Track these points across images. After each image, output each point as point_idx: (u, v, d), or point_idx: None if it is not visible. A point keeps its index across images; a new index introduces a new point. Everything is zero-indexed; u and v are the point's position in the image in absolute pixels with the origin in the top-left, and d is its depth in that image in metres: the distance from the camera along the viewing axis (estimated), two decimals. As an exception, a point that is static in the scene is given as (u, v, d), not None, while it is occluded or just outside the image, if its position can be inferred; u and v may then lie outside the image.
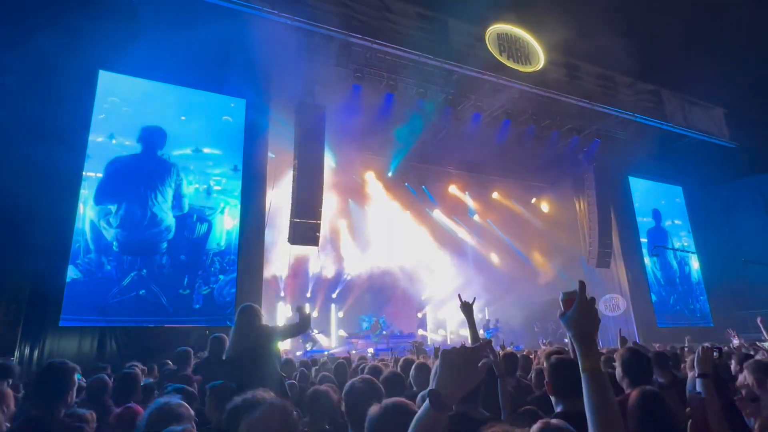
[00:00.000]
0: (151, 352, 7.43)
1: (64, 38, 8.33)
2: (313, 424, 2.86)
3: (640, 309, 15.62)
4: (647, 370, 2.98)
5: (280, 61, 11.21)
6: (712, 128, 17.51)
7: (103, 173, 9.48)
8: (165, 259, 9.62)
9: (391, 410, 1.81)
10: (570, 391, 2.25)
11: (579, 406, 2.19)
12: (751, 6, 15.37)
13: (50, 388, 2.38)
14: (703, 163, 17.50)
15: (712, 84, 16.25)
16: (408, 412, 1.83)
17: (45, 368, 2.41)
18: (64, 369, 2.46)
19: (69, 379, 2.45)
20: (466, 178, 18.33)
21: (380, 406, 1.86)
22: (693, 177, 18.42)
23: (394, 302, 18.60)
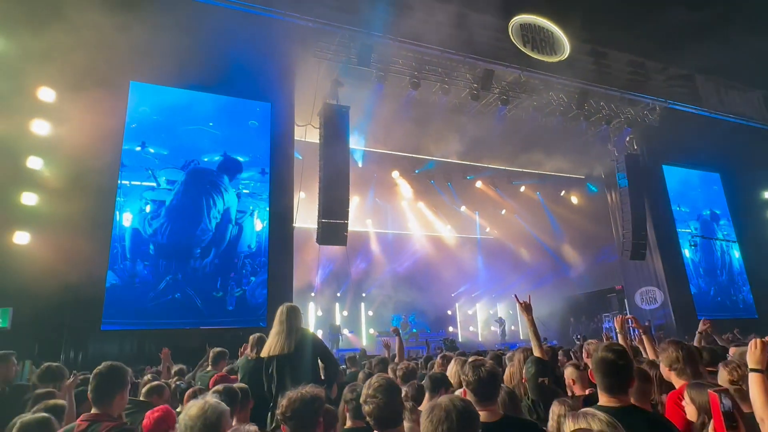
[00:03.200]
0: (187, 353, 7.61)
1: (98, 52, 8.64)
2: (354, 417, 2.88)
3: (679, 301, 15.10)
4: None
5: (303, 63, 11.31)
6: (750, 111, 16.79)
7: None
8: (198, 263, 9.84)
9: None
10: (615, 386, 2.20)
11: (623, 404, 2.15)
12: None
13: (108, 387, 2.46)
14: (742, 148, 16.77)
15: (748, 66, 15.58)
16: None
17: (103, 367, 2.50)
18: (120, 369, 2.56)
19: (124, 378, 2.55)
20: (492, 172, 18.12)
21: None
22: (731, 163, 17.67)
23: (423, 300, 18.53)
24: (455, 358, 4.39)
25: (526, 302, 3.66)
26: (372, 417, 2.24)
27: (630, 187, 14.99)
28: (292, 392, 2.18)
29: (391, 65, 11.95)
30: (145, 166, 9.90)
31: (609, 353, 2.26)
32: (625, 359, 2.26)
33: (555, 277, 19.27)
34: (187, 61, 9.71)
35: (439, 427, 1.73)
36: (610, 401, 2.19)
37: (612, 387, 2.21)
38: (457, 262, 19.28)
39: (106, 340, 8.78)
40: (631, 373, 2.27)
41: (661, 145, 16.03)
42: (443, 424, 1.73)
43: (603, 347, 2.34)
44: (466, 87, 12.90)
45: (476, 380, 2.33)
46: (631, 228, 14.86)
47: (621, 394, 2.21)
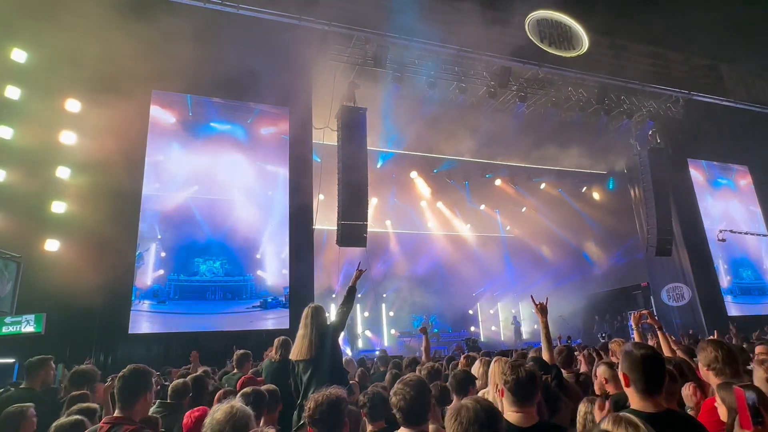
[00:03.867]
0: (211, 356, 7.75)
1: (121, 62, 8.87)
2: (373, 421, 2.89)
3: (708, 298, 14.70)
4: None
5: (320, 66, 11.40)
6: (779, 100, 16.25)
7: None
8: (218, 264, 10.00)
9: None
10: (654, 388, 2.14)
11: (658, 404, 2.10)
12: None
13: (132, 389, 2.53)
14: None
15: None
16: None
17: (127, 371, 2.56)
18: (142, 371, 2.61)
19: (147, 381, 2.60)
20: (512, 170, 17.95)
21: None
22: (760, 154, 17.13)
23: (444, 300, 18.46)
24: (480, 358, 4.38)
25: (542, 303, 3.63)
26: (399, 410, 2.26)
27: (654, 182, 14.65)
28: (317, 394, 2.21)
29: (406, 66, 11.95)
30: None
31: (647, 351, 2.20)
32: (662, 358, 2.22)
33: (578, 275, 18.97)
34: (206, 68, 9.90)
35: (470, 428, 1.74)
36: (646, 405, 2.12)
37: (648, 388, 2.13)
38: (478, 261, 19.14)
39: (134, 343, 9.00)
40: (665, 373, 2.23)
41: (686, 138, 15.65)
42: (473, 425, 1.73)
43: (637, 345, 2.27)
44: (483, 85, 12.82)
45: (514, 380, 2.31)
46: (655, 223, 14.52)
47: (657, 395, 2.15)
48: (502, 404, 2.39)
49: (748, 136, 16.05)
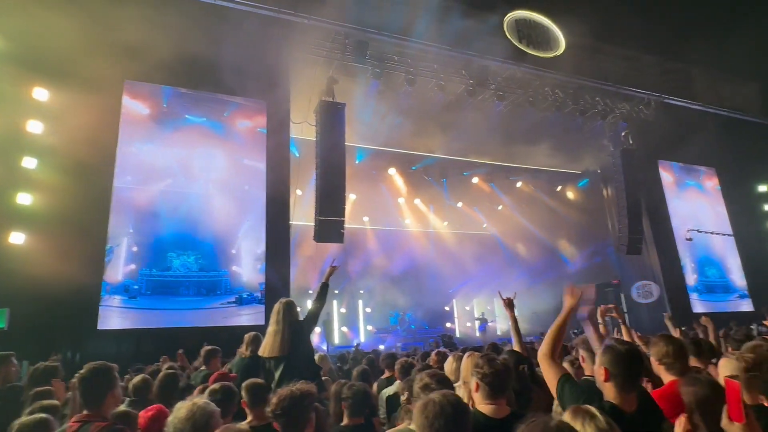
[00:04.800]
0: (188, 352, 7.62)
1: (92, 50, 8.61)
2: (353, 416, 2.90)
3: (675, 295, 15.19)
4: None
5: (299, 60, 11.29)
6: (746, 104, 16.85)
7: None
8: (193, 259, 9.84)
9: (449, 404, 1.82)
10: (632, 384, 2.17)
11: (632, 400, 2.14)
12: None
13: (94, 389, 2.48)
14: (737, 141, 16.84)
15: (743, 59, 15.61)
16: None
17: (86, 371, 2.50)
18: (101, 369, 2.56)
19: (109, 378, 2.55)
20: (489, 168, 18.15)
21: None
22: (727, 157, 17.74)
23: (420, 296, 18.58)
24: (453, 354, 4.42)
25: (509, 299, 3.69)
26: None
27: (626, 182, 15.03)
28: (282, 389, 2.21)
29: (386, 62, 11.93)
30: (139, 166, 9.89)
31: (631, 347, 2.23)
32: (642, 355, 2.26)
33: (552, 272, 19.31)
34: (182, 59, 9.69)
35: (435, 422, 1.75)
36: (623, 401, 2.14)
37: (627, 384, 2.16)
38: (455, 258, 19.30)
39: (104, 339, 8.77)
40: (643, 370, 2.28)
41: (656, 139, 16.05)
42: (439, 419, 1.75)
43: (620, 341, 2.30)
44: (461, 83, 12.89)
45: (492, 373, 2.35)
46: (627, 223, 14.91)
47: (633, 391, 2.18)
48: (473, 398, 2.43)
49: (715, 140, 16.58)
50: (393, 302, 18.10)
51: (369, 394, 2.93)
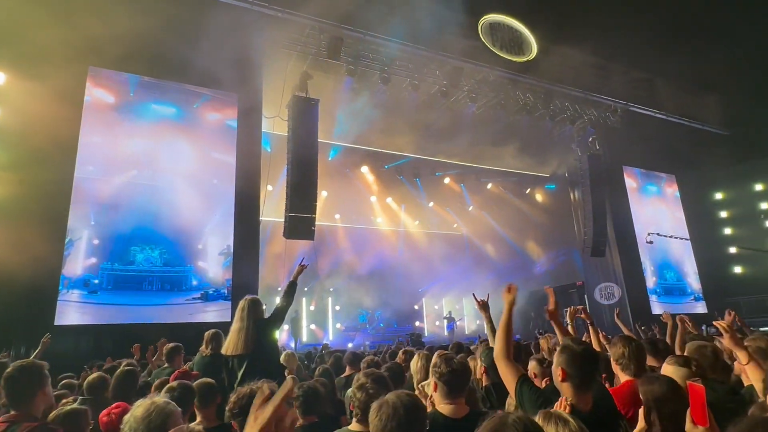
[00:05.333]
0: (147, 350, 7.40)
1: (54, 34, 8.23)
2: (306, 415, 2.89)
3: (635, 296, 15.73)
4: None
5: (272, 53, 11.12)
6: (706, 115, 17.58)
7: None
8: (157, 253, 9.58)
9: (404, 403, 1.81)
10: (588, 383, 2.20)
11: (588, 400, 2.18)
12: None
13: (22, 388, 2.39)
14: (697, 150, 17.57)
15: (703, 71, 16.27)
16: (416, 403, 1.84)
17: (12, 369, 2.40)
18: (29, 368, 2.46)
19: (37, 377, 2.44)
20: (460, 169, 18.34)
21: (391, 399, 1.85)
22: (686, 165, 18.49)
23: (390, 295, 18.63)
24: (419, 352, 4.44)
25: (483, 300, 3.75)
26: (365, 405, 2.26)
27: (592, 186, 15.47)
28: (242, 388, 2.17)
29: (361, 59, 11.90)
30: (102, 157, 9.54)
31: (586, 347, 2.25)
32: (597, 354, 2.30)
33: (520, 273, 19.67)
34: (150, 48, 9.41)
35: (389, 424, 1.75)
36: (579, 400, 2.15)
37: (583, 383, 2.18)
38: (425, 257, 19.44)
39: (61, 335, 8.40)
40: (599, 369, 2.32)
41: (622, 146, 16.58)
42: (392, 420, 1.75)
43: (576, 340, 2.33)
44: (435, 84, 12.99)
45: (449, 372, 2.34)
46: (592, 226, 15.35)
47: (589, 391, 2.20)
48: (433, 399, 2.44)
49: (676, 148, 17.24)
50: (362, 300, 18.10)
51: (319, 393, 2.91)
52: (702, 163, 18.32)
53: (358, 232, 18.84)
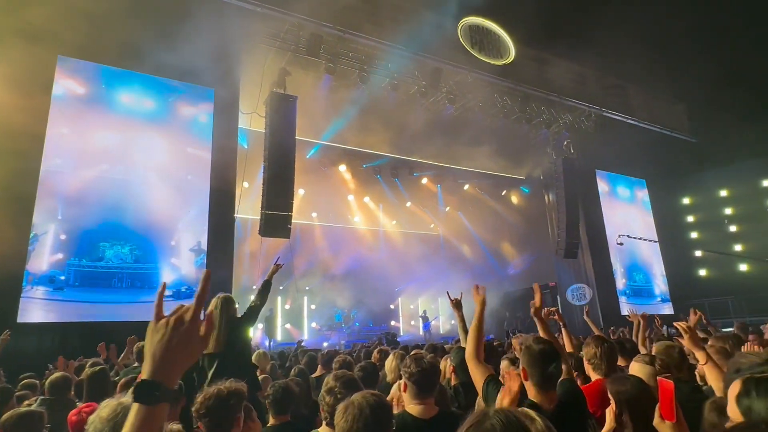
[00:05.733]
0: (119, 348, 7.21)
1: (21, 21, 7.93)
2: (278, 415, 2.86)
3: (605, 297, 16.12)
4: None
5: (250, 49, 10.96)
6: (675, 123, 18.14)
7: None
8: (127, 249, 9.34)
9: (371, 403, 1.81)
10: (549, 382, 2.24)
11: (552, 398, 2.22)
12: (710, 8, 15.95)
13: None
14: (665, 156, 18.12)
15: (673, 80, 16.81)
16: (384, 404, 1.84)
17: None
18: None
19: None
20: (438, 170, 18.45)
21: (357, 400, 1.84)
22: (656, 171, 19.06)
23: (366, 294, 18.61)
24: (394, 352, 4.45)
25: (456, 299, 3.77)
26: (333, 409, 2.24)
27: (566, 190, 15.78)
28: (209, 388, 2.11)
29: (340, 57, 11.83)
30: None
31: (545, 346, 2.28)
32: (558, 353, 2.34)
33: (495, 274, 19.96)
34: (124, 39, 9.16)
35: (354, 425, 1.75)
36: (542, 399, 2.20)
37: (543, 382, 2.22)
38: (402, 257, 19.50)
39: (24, 334, 8.11)
40: (561, 368, 2.36)
41: (595, 150, 16.96)
42: (358, 422, 1.75)
43: (535, 339, 2.36)
44: (414, 84, 13.02)
45: (419, 372, 2.34)
46: (565, 228, 15.65)
47: (551, 390, 2.24)
48: (403, 399, 2.43)
49: (647, 154, 17.75)
50: (338, 300, 18.03)
51: (291, 392, 2.88)
52: (671, 169, 18.93)
53: (334, 231, 18.76)
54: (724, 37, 16.58)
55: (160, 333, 0.98)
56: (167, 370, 0.96)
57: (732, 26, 16.54)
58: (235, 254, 10.97)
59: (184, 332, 0.98)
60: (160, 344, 0.97)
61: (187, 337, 0.98)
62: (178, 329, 0.98)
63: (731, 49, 16.37)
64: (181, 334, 0.98)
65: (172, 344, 0.96)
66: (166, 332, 0.98)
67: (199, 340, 1.01)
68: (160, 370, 0.95)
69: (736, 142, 17.83)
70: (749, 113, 15.60)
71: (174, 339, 0.97)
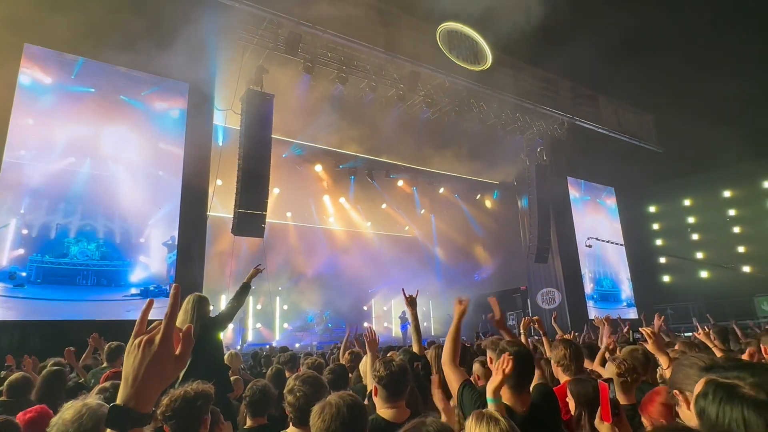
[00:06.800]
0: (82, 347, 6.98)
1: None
2: (254, 417, 2.83)
3: (574, 302, 16.50)
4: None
5: (227, 45, 10.81)
6: (643, 133, 18.76)
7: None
8: (94, 246, 9.05)
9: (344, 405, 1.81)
10: (523, 385, 2.27)
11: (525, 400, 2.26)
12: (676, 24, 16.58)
13: None
14: (634, 165, 18.72)
15: (641, 92, 17.41)
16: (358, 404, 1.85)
17: None
18: None
19: None
20: (413, 173, 18.55)
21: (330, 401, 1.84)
22: (624, 179, 19.65)
23: (340, 295, 18.54)
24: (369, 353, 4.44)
25: (411, 296, 3.76)
26: (294, 409, 2.22)
27: (538, 195, 16.11)
28: (175, 390, 2.06)
29: (319, 57, 11.79)
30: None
31: (519, 349, 2.31)
32: (532, 356, 2.38)
33: (468, 277, 20.19)
34: (96, 29, 8.89)
35: (332, 424, 1.76)
36: (516, 402, 2.23)
37: (518, 384, 2.25)
38: (376, 258, 19.51)
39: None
40: (534, 371, 2.41)
41: (567, 158, 17.38)
42: (335, 421, 1.76)
43: (509, 342, 2.40)
44: (392, 87, 13.08)
45: (388, 375, 2.34)
46: (537, 233, 15.98)
47: (525, 392, 2.28)
48: (375, 403, 2.43)
49: (616, 162, 18.30)
50: (311, 300, 17.90)
51: (268, 393, 2.85)
52: (638, 177, 19.55)
53: (309, 231, 18.63)
54: (689, 51, 17.25)
55: (132, 355, 0.96)
56: (139, 393, 0.93)
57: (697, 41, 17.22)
58: (207, 253, 10.76)
59: (155, 354, 0.95)
60: (132, 367, 0.94)
61: (157, 359, 0.95)
62: (148, 351, 0.95)
63: (697, 65, 17.03)
64: (152, 356, 0.95)
65: (142, 367, 0.94)
66: (138, 354, 0.95)
67: (173, 361, 0.97)
68: (133, 395, 0.93)
69: (699, 153, 18.56)
70: (712, 126, 16.28)
71: (144, 361, 0.94)
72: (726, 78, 16.28)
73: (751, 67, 17.34)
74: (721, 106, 17.15)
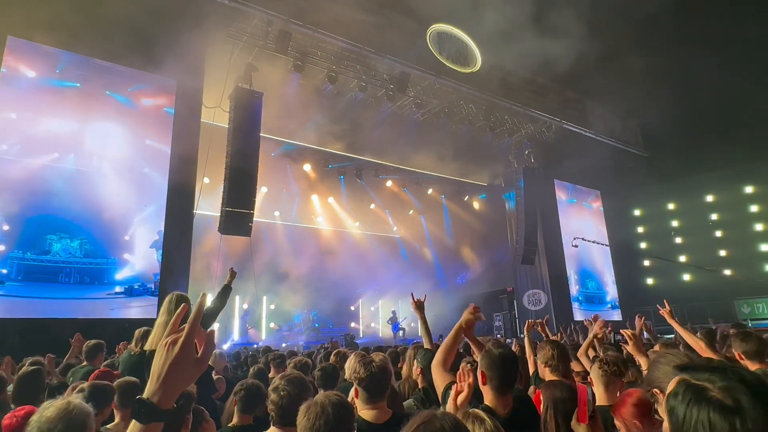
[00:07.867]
0: (65, 347, 6.86)
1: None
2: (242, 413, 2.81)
3: (560, 303, 16.66)
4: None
5: (216, 42, 10.72)
6: (629, 138, 19.02)
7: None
8: (77, 243, 8.91)
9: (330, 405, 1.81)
10: (507, 386, 2.29)
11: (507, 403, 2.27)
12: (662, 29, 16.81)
13: None
14: (620, 169, 18.95)
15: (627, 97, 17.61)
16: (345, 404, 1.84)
17: None
18: None
19: None
20: (402, 173, 18.59)
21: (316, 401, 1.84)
22: (609, 182, 19.90)
23: (327, 295, 18.47)
24: (355, 353, 4.44)
25: (419, 300, 3.79)
26: (277, 408, 2.20)
27: (525, 197, 16.24)
28: None
29: (309, 56, 11.75)
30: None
31: (504, 351, 2.31)
32: (516, 358, 2.38)
33: (456, 278, 20.27)
34: (81, 22, 8.74)
35: (317, 423, 1.76)
36: (498, 403, 2.24)
37: (501, 386, 2.26)
38: (363, 258, 19.48)
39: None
40: (518, 373, 2.42)
41: (554, 160, 17.54)
42: (320, 419, 1.76)
43: (496, 345, 2.38)
44: (382, 87, 13.09)
45: (368, 376, 2.31)
46: (524, 235, 16.10)
47: (508, 393, 2.29)
48: (356, 405, 2.41)
49: (602, 165, 18.49)
50: (298, 300, 17.81)
51: (261, 392, 2.84)
52: (624, 181, 19.80)
53: (296, 230, 18.54)
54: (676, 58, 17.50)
55: (159, 355, 1.03)
56: (162, 390, 1.00)
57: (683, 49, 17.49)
58: (193, 252, 10.66)
59: (176, 357, 1.02)
60: (157, 366, 1.02)
61: (178, 361, 1.01)
62: (171, 353, 1.02)
63: (683, 70, 17.29)
64: (174, 357, 1.02)
65: (165, 367, 1.01)
66: (163, 354, 1.03)
67: (193, 363, 1.04)
68: (156, 391, 1.00)
69: (683, 158, 18.86)
70: (697, 132, 16.56)
71: (167, 362, 1.01)
72: (713, 84, 16.54)
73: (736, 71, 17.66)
74: (707, 113, 17.44)
